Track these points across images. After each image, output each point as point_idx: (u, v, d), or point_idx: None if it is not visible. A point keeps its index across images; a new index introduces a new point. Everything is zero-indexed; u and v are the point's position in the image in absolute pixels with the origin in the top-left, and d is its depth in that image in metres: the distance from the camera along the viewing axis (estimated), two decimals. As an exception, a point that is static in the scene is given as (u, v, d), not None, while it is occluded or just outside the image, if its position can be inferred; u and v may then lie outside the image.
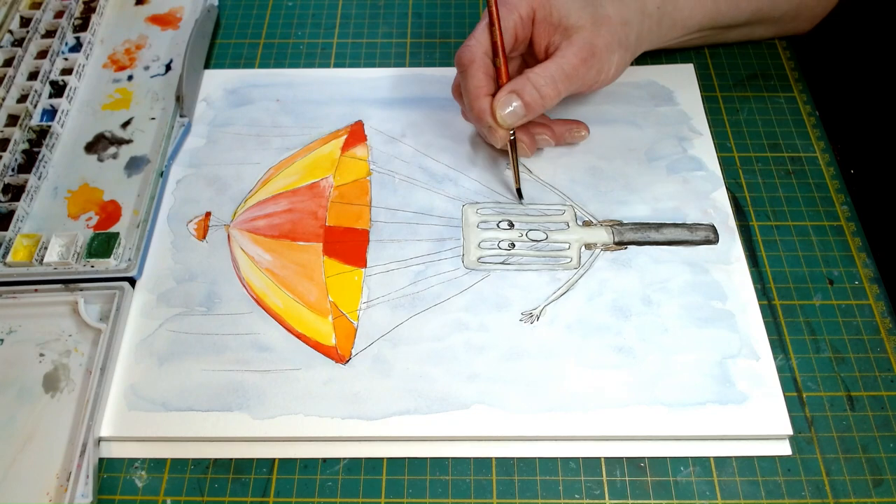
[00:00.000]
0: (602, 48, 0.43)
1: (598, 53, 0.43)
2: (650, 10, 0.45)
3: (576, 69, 0.42)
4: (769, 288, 0.43)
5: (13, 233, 0.45)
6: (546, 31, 0.43)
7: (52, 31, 0.54)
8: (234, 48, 0.56)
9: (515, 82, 0.42)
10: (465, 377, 0.39)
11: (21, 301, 0.42)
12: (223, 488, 0.37)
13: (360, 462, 0.38)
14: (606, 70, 0.44)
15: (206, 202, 0.47)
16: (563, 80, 0.42)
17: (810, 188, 0.47)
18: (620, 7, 0.44)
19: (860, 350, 0.41)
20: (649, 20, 0.45)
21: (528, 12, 0.43)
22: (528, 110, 0.42)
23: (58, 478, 0.37)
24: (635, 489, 0.37)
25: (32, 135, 0.49)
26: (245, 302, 0.42)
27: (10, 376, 0.40)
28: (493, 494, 0.37)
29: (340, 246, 0.44)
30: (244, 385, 0.39)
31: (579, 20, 0.42)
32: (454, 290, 0.42)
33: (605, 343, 0.40)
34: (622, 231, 0.44)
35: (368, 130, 0.50)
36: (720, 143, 0.49)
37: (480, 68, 0.42)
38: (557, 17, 0.42)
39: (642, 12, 0.45)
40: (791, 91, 0.52)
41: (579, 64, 0.42)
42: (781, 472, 0.37)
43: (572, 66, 0.42)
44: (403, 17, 0.58)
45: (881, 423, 0.39)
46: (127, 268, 0.43)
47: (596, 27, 0.43)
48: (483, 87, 0.42)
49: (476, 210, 0.46)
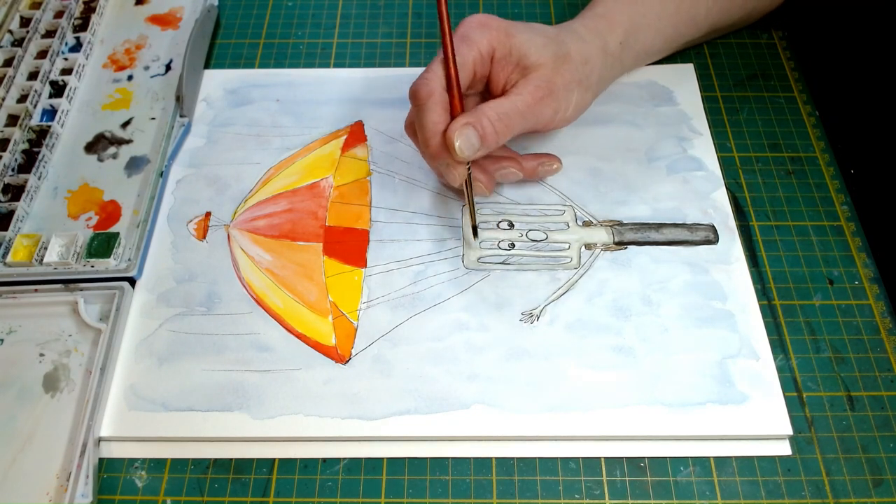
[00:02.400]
0: (560, 87, 0.42)
1: (555, 92, 0.41)
2: (612, 48, 0.45)
3: (530, 107, 0.41)
4: (769, 288, 0.43)
5: (13, 233, 0.45)
6: (504, 68, 0.42)
7: (52, 31, 0.54)
8: (234, 48, 0.56)
9: (469, 115, 0.40)
10: (465, 377, 0.39)
11: (21, 301, 0.42)
12: (223, 488, 0.37)
13: (360, 462, 0.38)
14: (564, 109, 0.43)
15: (206, 202, 0.47)
16: (517, 116, 0.40)
17: (810, 188, 0.47)
18: (582, 46, 0.43)
19: (860, 350, 0.41)
20: (611, 58, 0.45)
21: (487, 49, 0.41)
22: (483, 142, 0.40)
23: (58, 478, 0.37)
24: (635, 489, 0.37)
25: (32, 135, 0.49)
26: (245, 302, 0.42)
27: (10, 376, 0.40)
28: (493, 494, 0.37)
29: (340, 246, 0.44)
30: (244, 385, 0.39)
31: (539, 59, 0.41)
32: (454, 290, 0.42)
33: (605, 343, 0.40)
34: (622, 231, 0.45)
35: (368, 130, 0.50)
36: (720, 143, 0.49)
37: (439, 103, 0.40)
38: (517, 56, 0.41)
39: (604, 50, 0.44)
40: (791, 91, 0.52)
41: (534, 103, 0.41)
42: (781, 472, 0.37)
43: (526, 103, 0.41)
44: (403, 17, 0.58)
45: (881, 423, 0.39)
46: (127, 268, 0.43)
47: (556, 65, 0.41)
48: (441, 123, 0.40)
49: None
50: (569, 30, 0.44)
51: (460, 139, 0.39)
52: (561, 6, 0.57)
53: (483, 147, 0.40)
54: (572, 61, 0.42)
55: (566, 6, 0.57)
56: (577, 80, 0.42)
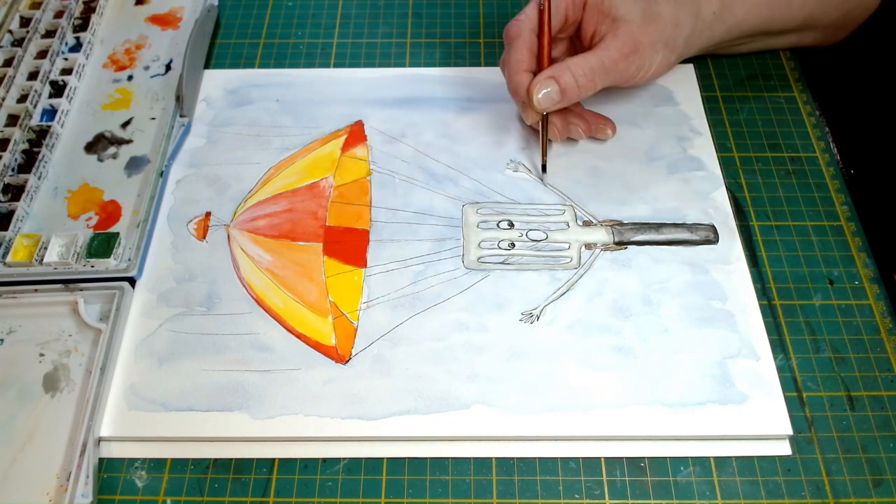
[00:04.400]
0: (646, 45, 0.43)
1: (641, 50, 0.42)
2: (705, 15, 0.45)
3: (615, 63, 0.42)
4: (769, 288, 0.43)
5: (13, 233, 0.45)
6: (595, 17, 0.43)
7: (52, 31, 0.54)
8: (234, 48, 0.56)
9: (555, 68, 0.42)
10: (465, 377, 0.39)
11: (21, 301, 0.42)
12: (223, 488, 0.37)
13: (360, 462, 0.38)
14: (647, 68, 0.44)
15: (206, 202, 0.47)
16: (602, 72, 0.42)
17: (810, 188, 0.47)
18: (675, 7, 0.44)
19: (860, 350, 0.41)
20: (702, 24, 0.45)
21: None
22: (564, 97, 0.42)
23: (58, 478, 0.37)
24: (635, 489, 0.37)
25: (32, 135, 0.49)
26: (245, 302, 0.42)
27: (10, 376, 0.40)
28: (493, 494, 0.37)
29: (340, 246, 0.44)
30: (244, 385, 0.39)
31: (629, 13, 0.42)
32: (454, 290, 0.42)
33: (604, 343, 0.40)
34: (622, 231, 0.44)
35: (368, 130, 0.50)
36: (720, 143, 0.49)
37: (525, 44, 0.43)
38: (608, 6, 0.42)
39: (696, 16, 0.45)
40: (791, 91, 0.52)
41: (620, 59, 0.42)
42: (781, 472, 0.37)
43: (612, 59, 0.42)
44: (403, 17, 0.58)
45: (881, 423, 0.39)
46: (127, 268, 0.43)
47: (644, 23, 0.42)
48: (524, 63, 0.43)
49: (476, 210, 0.46)
50: None
51: (541, 92, 0.41)
52: (561, 6, 0.57)
53: (563, 101, 0.42)
54: (662, 21, 0.43)
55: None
56: (663, 41, 0.43)
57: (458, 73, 0.53)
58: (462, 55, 0.55)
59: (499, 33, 0.56)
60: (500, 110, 0.50)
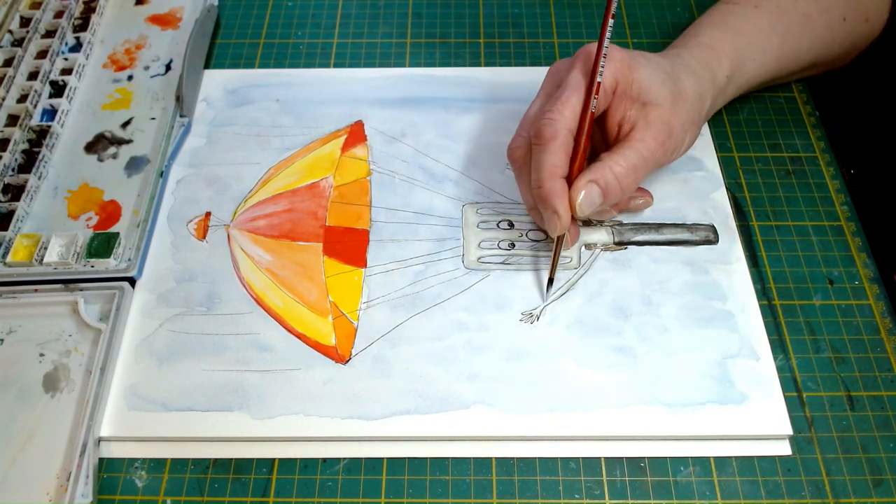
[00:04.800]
0: (677, 128, 0.40)
1: (673, 134, 0.40)
2: (720, 81, 0.44)
3: (653, 153, 0.40)
4: (769, 288, 0.43)
5: (13, 233, 0.45)
6: (623, 104, 0.40)
7: (52, 31, 0.54)
8: (234, 48, 0.56)
9: (594, 170, 0.39)
10: (465, 377, 0.39)
11: (21, 301, 0.42)
12: (223, 488, 0.37)
13: (360, 462, 0.38)
14: (679, 149, 0.42)
15: (206, 202, 0.47)
16: (643, 167, 0.39)
17: (810, 188, 0.47)
18: (696, 82, 0.42)
19: (860, 350, 0.41)
20: (717, 90, 0.44)
21: (611, 83, 0.39)
22: (606, 199, 0.39)
23: (58, 478, 0.37)
24: (635, 489, 0.37)
25: (32, 135, 0.49)
26: (245, 302, 0.42)
27: (10, 376, 0.40)
28: (493, 494, 0.37)
29: (340, 246, 0.44)
30: (244, 385, 0.39)
31: (658, 97, 0.40)
32: (454, 290, 0.42)
33: (604, 343, 0.40)
34: (622, 231, 0.45)
35: (368, 130, 0.50)
36: (720, 143, 0.49)
37: (563, 147, 0.38)
38: (637, 91, 0.39)
39: (714, 84, 0.43)
40: (791, 91, 0.52)
41: (657, 147, 0.40)
42: (781, 472, 0.37)
43: (650, 150, 0.39)
44: (403, 17, 0.58)
45: (881, 423, 0.39)
46: (127, 268, 0.43)
47: (674, 104, 0.40)
48: (560, 168, 0.38)
49: (476, 210, 0.46)
50: (680, 62, 0.42)
51: (582, 197, 0.38)
52: (561, 6, 0.57)
53: (604, 204, 0.39)
54: (688, 98, 0.41)
55: (566, 6, 0.57)
56: (691, 120, 0.41)
57: (458, 73, 0.53)
58: (462, 55, 0.55)
59: (499, 33, 0.56)
60: (500, 110, 0.50)
